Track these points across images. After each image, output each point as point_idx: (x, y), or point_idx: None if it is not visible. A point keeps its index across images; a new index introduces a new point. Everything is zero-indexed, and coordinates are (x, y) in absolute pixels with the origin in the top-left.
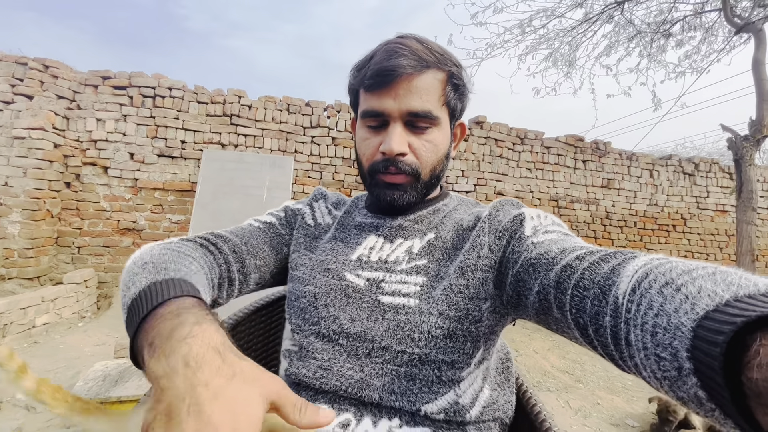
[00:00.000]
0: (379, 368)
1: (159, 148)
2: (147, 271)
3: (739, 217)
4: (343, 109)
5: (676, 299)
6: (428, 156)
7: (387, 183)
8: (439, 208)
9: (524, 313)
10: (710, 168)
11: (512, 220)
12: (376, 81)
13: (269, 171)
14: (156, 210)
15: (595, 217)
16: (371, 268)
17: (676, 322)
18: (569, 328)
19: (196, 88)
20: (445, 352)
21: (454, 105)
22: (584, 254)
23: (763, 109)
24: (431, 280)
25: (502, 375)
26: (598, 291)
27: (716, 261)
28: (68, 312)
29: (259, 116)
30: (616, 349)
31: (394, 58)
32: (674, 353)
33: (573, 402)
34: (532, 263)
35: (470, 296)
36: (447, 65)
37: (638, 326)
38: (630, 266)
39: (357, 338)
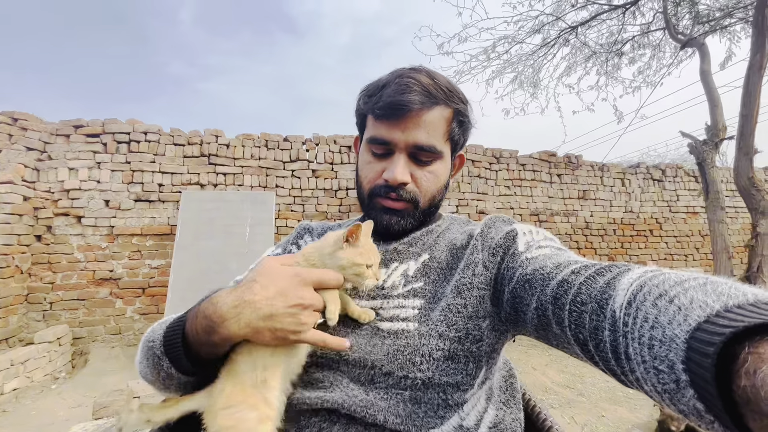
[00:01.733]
0: (384, 393)
1: (135, 193)
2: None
3: (710, 217)
4: (322, 142)
5: (670, 311)
6: (429, 187)
7: (385, 207)
8: (432, 229)
9: (523, 329)
10: (676, 173)
11: (505, 236)
12: (386, 113)
13: (251, 208)
14: (134, 256)
15: (576, 228)
16: (368, 297)
17: (671, 334)
18: (569, 344)
19: (172, 130)
20: (448, 374)
21: (457, 139)
22: (579, 269)
23: (716, 114)
24: (429, 302)
25: (507, 393)
26: (595, 305)
27: (694, 261)
28: (40, 374)
29: (237, 154)
30: (617, 364)
31: (407, 93)
32: (671, 366)
33: (578, 417)
34: (528, 279)
35: (469, 315)
36: (454, 102)
37: (636, 339)
38: (625, 279)
39: (356, 364)
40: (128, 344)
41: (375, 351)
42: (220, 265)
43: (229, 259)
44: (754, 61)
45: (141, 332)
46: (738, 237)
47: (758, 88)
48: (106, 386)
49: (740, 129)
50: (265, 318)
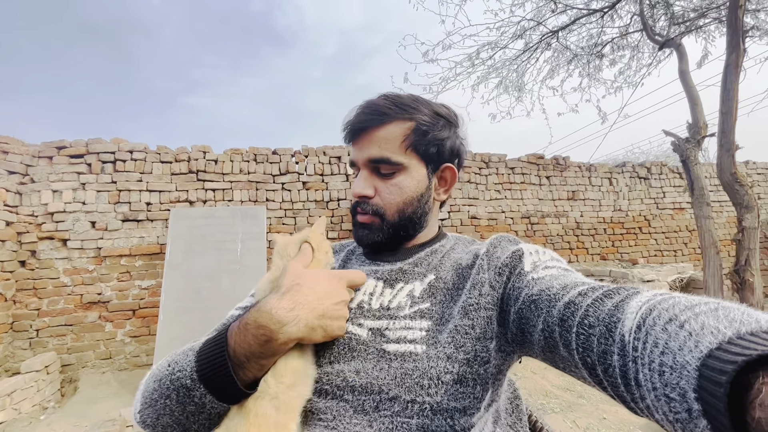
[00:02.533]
0: (389, 422)
1: (123, 213)
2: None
3: (696, 213)
4: (311, 153)
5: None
6: (391, 198)
7: (359, 222)
8: (436, 249)
9: (530, 350)
10: (661, 170)
11: (511, 256)
12: (346, 136)
13: (241, 223)
14: (123, 278)
15: (567, 229)
16: (373, 317)
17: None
18: (577, 367)
19: (159, 148)
20: (456, 398)
21: (424, 150)
22: (587, 290)
23: (696, 112)
24: (436, 324)
25: (513, 415)
26: (603, 329)
27: (683, 256)
28: (28, 405)
29: (226, 169)
30: (627, 390)
31: (360, 115)
32: (683, 394)
33: (580, 421)
34: (534, 300)
35: (477, 336)
36: (411, 114)
37: (646, 365)
38: (633, 302)
39: (363, 391)
40: (119, 369)
41: (382, 375)
42: (212, 282)
43: (221, 275)
44: (730, 60)
45: (133, 356)
46: (724, 231)
47: (735, 85)
48: (98, 414)
49: (720, 126)
50: (320, 317)
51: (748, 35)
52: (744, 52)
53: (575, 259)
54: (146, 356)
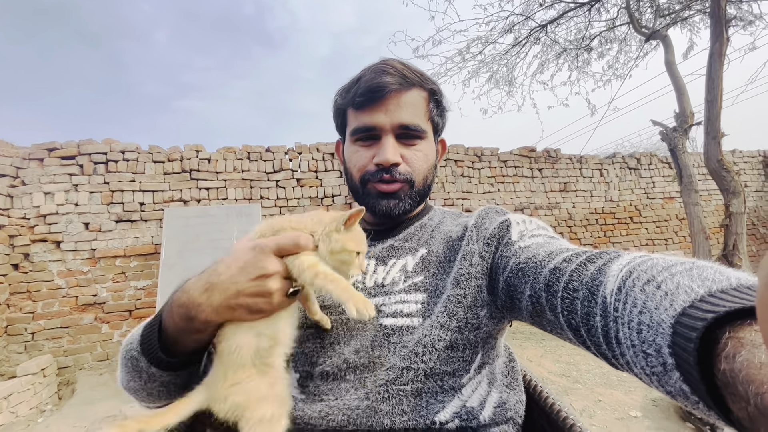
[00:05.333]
0: (384, 391)
1: (116, 214)
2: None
3: (685, 200)
4: (304, 150)
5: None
6: (420, 165)
7: (381, 192)
8: (425, 224)
9: (519, 315)
10: (650, 160)
11: (499, 227)
12: (367, 97)
13: (236, 221)
14: (118, 279)
15: (560, 220)
16: (368, 295)
17: (658, 319)
18: (562, 329)
19: (151, 147)
20: (447, 362)
21: (437, 121)
22: (571, 256)
23: (683, 102)
24: (431, 296)
25: (509, 376)
26: (587, 292)
27: (674, 244)
28: (25, 408)
29: (219, 168)
30: (608, 348)
31: (383, 76)
32: (658, 349)
33: (576, 404)
34: (521, 267)
35: (468, 305)
36: (428, 84)
37: (625, 324)
38: (615, 265)
39: (364, 369)
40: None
41: (383, 353)
42: None
43: None
44: (714, 50)
45: None
46: (713, 218)
47: (720, 74)
48: (97, 414)
49: (707, 115)
50: (235, 296)
51: (731, 25)
52: (727, 42)
53: None
54: None
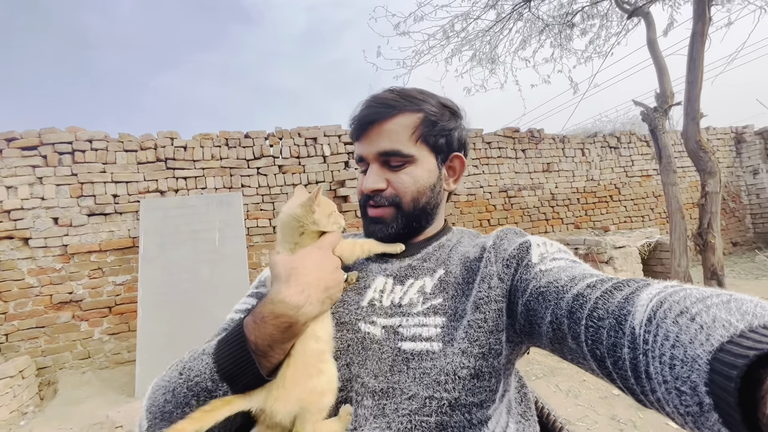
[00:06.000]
0: (407, 421)
1: (88, 207)
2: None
3: (663, 180)
4: (285, 136)
5: (692, 329)
6: (406, 187)
7: (371, 217)
8: (443, 244)
9: (538, 341)
10: (630, 139)
11: (518, 248)
12: (354, 131)
13: (217, 211)
14: (95, 275)
15: (543, 201)
16: (385, 314)
17: (693, 354)
18: (585, 359)
19: (121, 136)
20: (473, 393)
21: (434, 141)
22: (595, 282)
23: (664, 81)
24: (450, 320)
25: (523, 404)
26: (613, 321)
27: (650, 221)
28: (5, 412)
29: (196, 156)
30: (637, 383)
31: (367, 109)
32: (694, 387)
33: (562, 384)
34: (542, 292)
35: (489, 330)
36: (419, 105)
37: (656, 358)
38: (644, 294)
39: (383, 395)
40: (100, 367)
41: (402, 379)
42: (190, 274)
43: (200, 266)
44: (696, 29)
45: (113, 353)
46: (687, 195)
47: (701, 54)
48: (82, 414)
49: (687, 95)
50: (325, 289)
51: (713, 3)
52: (709, 21)
53: (551, 229)
54: (128, 353)
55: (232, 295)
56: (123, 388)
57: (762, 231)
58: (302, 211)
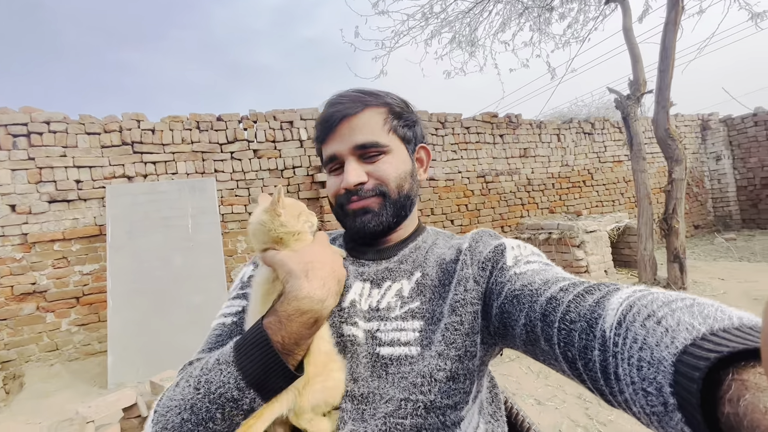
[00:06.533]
0: (382, 423)
1: (48, 194)
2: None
3: (633, 167)
4: (260, 119)
5: (658, 332)
6: (388, 173)
7: (354, 210)
8: (419, 245)
9: (512, 343)
10: (604, 125)
11: (494, 251)
12: (323, 129)
13: (189, 197)
14: (59, 264)
15: (519, 186)
16: (363, 318)
17: (659, 356)
18: (557, 360)
19: (82, 117)
20: (449, 395)
21: (403, 132)
22: (568, 286)
23: (637, 69)
24: (428, 323)
25: (493, 404)
26: (585, 324)
27: (620, 205)
28: None
29: (166, 139)
30: (606, 384)
31: (332, 107)
32: (659, 388)
33: (533, 366)
34: (516, 295)
35: (466, 332)
36: (383, 99)
37: (625, 360)
38: (614, 298)
39: (362, 400)
40: (69, 359)
41: (381, 385)
42: (162, 262)
43: (173, 253)
44: (669, 18)
45: (83, 344)
46: (654, 180)
47: (673, 44)
48: (52, 407)
49: (658, 83)
50: (339, 282)
51: None
52: (682, 10)
53: (526, 214)
54: (98, 344)
55: (207, 283)
56: (95, 379)
57: (722, 215)
58: (267, 216)
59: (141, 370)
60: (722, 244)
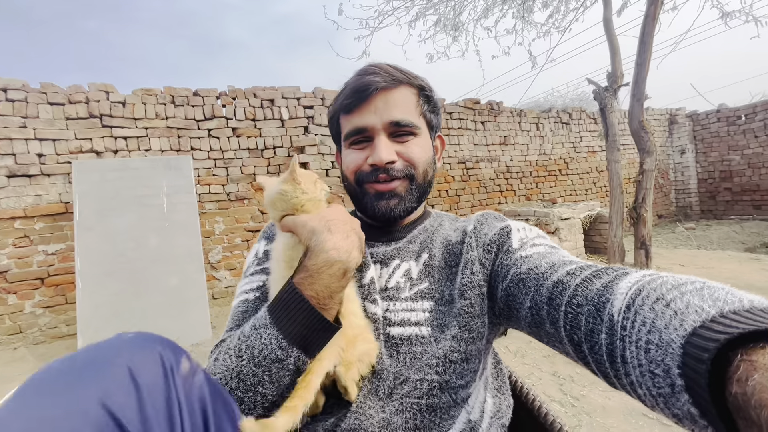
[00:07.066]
0: (399, 404)
1: (6, 167)
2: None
3: (608, 157)
4: (239, 95)
5: (666, 315)
6: (418, 157)
7: (379, 192)
8: (426, 227)
9: (516, 324)
10: (580, 116)
11: (499, 233)
12: (354, 99)
13: (164, 175)
14: (21, 243)
15: (498, 173)
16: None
17: (667, 339)
18: (561, 343)
19: (44, 86)
20: (462, 375)
21: (429, 117)
22: (574, 269)
23: (616, 62)
24: (438, 304)
25: (498, 379)
26: (592, 308)
27: (592, 194)
28: None
29: (138, 113)
30: (611, 367)
31: (368, 76)
32: (667, 370)
33: (510, 346)
34: (522, 278)
35: (476, 314)
36: (417, 80)
37: (633, 343)
38: (623, 283)
39: (376, 377)
40: (34, 343)
41: (393, 363)
42: (137, 242)
43: (147, 234)
44: (649, 12)
45: (49, 327)
46: (625, 170)
47: (651, 38)
48: None
49: (635, 77)
50: (360, 239)
51: None
52: (661, 5)
53: (504, 201)
54: (66, 327)
55: (184, 265)
56: None
57: (683, 205)
58: (288, 186)
59: None
60: (683, 232)
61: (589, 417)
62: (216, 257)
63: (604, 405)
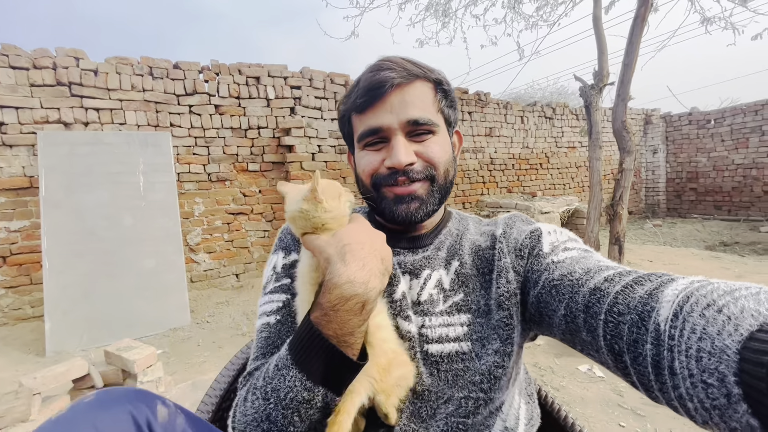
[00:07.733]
0: (444, 424)
1: None
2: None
3: (590, 155)
4: (223, 71)
5: (719, 321)
6: (439, 157)
7: (398, 196)
8: (451, 231)
9: (547, 331)
10: (563, 111)
11: (529, 236)
12: (368, 97)
13: (140, 151)
14: None
15: (482, 164)
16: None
17: (721, 345)
18: (598, 352)
19: (5, 47)
20: (503, 390)
21: (447, 113)
22: (613, 276)
23: (602, 60)
24: (475, 316)
25: (530, 386)
26: (635, 317)
27: (570, 189)
28: None
29: (112, 84)
30: (656, 380)
31: (382, 72)
32: (721, 378)
33: None
34: (555, 285)
35: (515, 325)
36: (434, 74)
37: (682, 352)
38: (669, 290)
39: (417, 397)
40: None
41: (434, 382)
42: (109, 221)
43: (122, 213)
44: (638, 13)
45: (12, 309)
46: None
47: (639, 39)
48: None
49: (621, 77)
50: (383, 261)
51: None
52: (651, 6)
53: (487, 192)
54: (31, 308)
55: (162, 246)
56: (29, 346)
57: (651, 203)
58: (309, 205)
59: (85, 337)
60: (650, 229)
61: (568, 407)
62: (195, 239)
63: (582, 396)
